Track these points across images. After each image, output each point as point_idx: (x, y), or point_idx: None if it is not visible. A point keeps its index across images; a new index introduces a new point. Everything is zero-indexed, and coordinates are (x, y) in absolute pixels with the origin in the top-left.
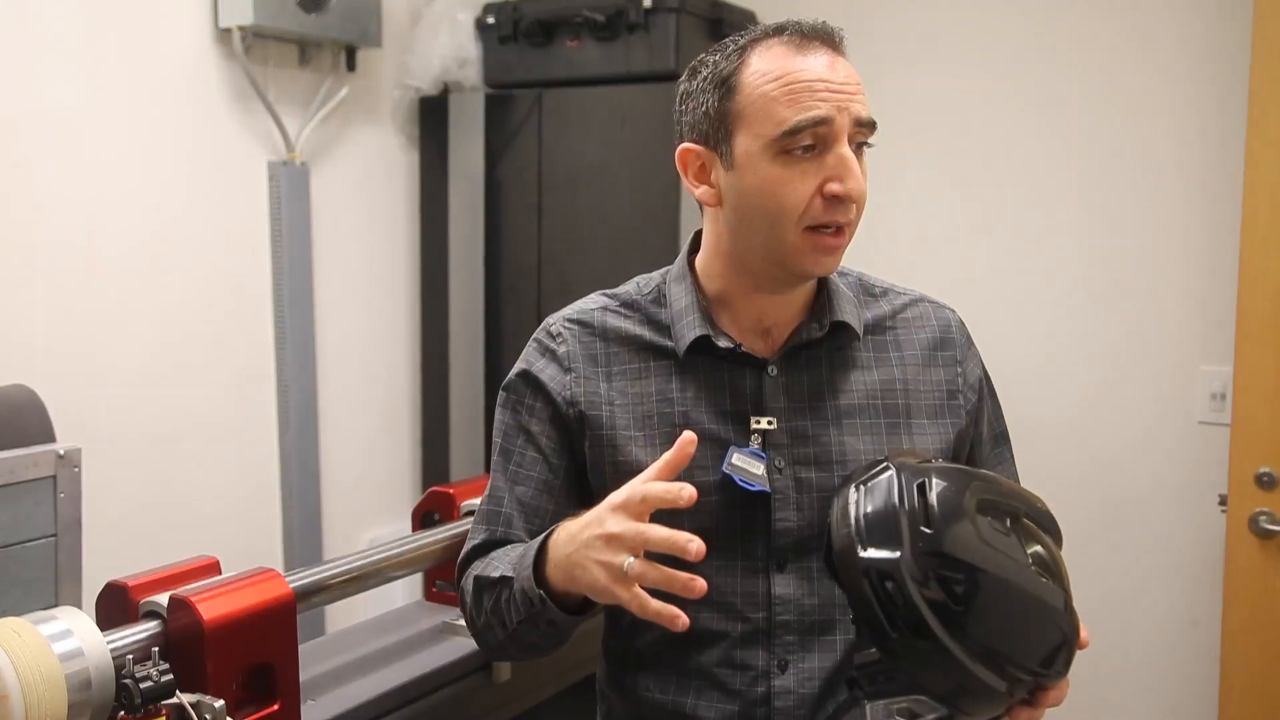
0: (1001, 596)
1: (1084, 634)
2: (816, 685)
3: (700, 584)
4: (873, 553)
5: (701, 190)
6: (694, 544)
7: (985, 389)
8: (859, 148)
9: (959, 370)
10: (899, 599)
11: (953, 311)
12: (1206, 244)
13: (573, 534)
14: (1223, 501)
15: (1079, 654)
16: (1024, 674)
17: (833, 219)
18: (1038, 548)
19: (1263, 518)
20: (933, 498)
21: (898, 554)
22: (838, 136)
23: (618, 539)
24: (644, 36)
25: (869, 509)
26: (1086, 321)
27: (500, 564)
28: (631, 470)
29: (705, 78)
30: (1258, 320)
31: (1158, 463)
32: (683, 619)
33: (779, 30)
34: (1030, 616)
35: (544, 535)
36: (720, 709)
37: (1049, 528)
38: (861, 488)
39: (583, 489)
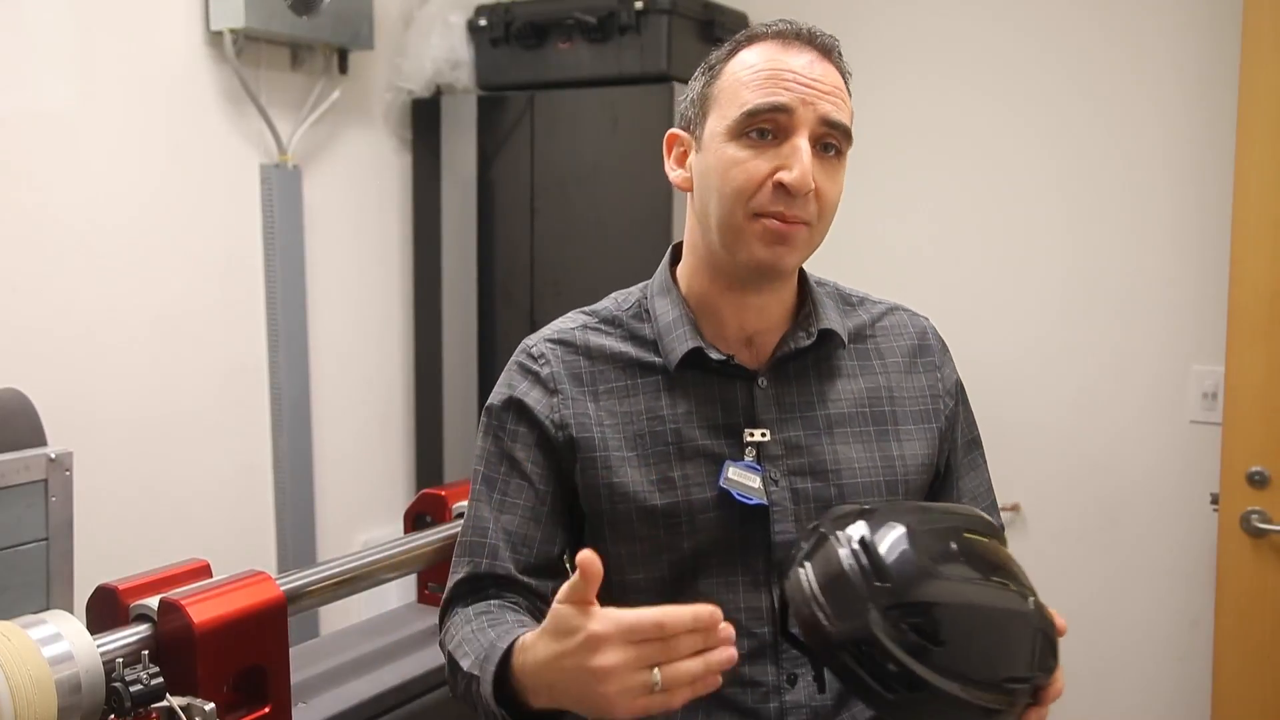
0: (976, 622)
1: (1059, 621)
2: (829, 696)
3: (732, 653)
4: (842, 625)
5: (677, 174)
6: (722, 623)
7: (961, 395)
8: (827, 150)
9: (938, 376)
10: (881, 660)
11: (927, 319)
12: (1197, 244)
13: (547, 661)
14: (1214, 500)
15: (1075, 653)
16: (1021, 684)
17: (779, 209)
18: (988, 558)
19: (1254, 516)
20: (878, 550)
21: (866, 618)
22: (797, 128)
23: (631, 663)
24: (636, 38)
25: (822, 582)
26: (1078, 322)
27: (468, 648)
28: (627, 491)
29: (701, 67)
30: (1249, 320)
31: (1149, 462)
32: (732, 655)
33: (774, 29)
34: (1009, 630)
35: (507, 647)
36: None
37: (988, 531)
38: (807, 564)
39: (570, 516)
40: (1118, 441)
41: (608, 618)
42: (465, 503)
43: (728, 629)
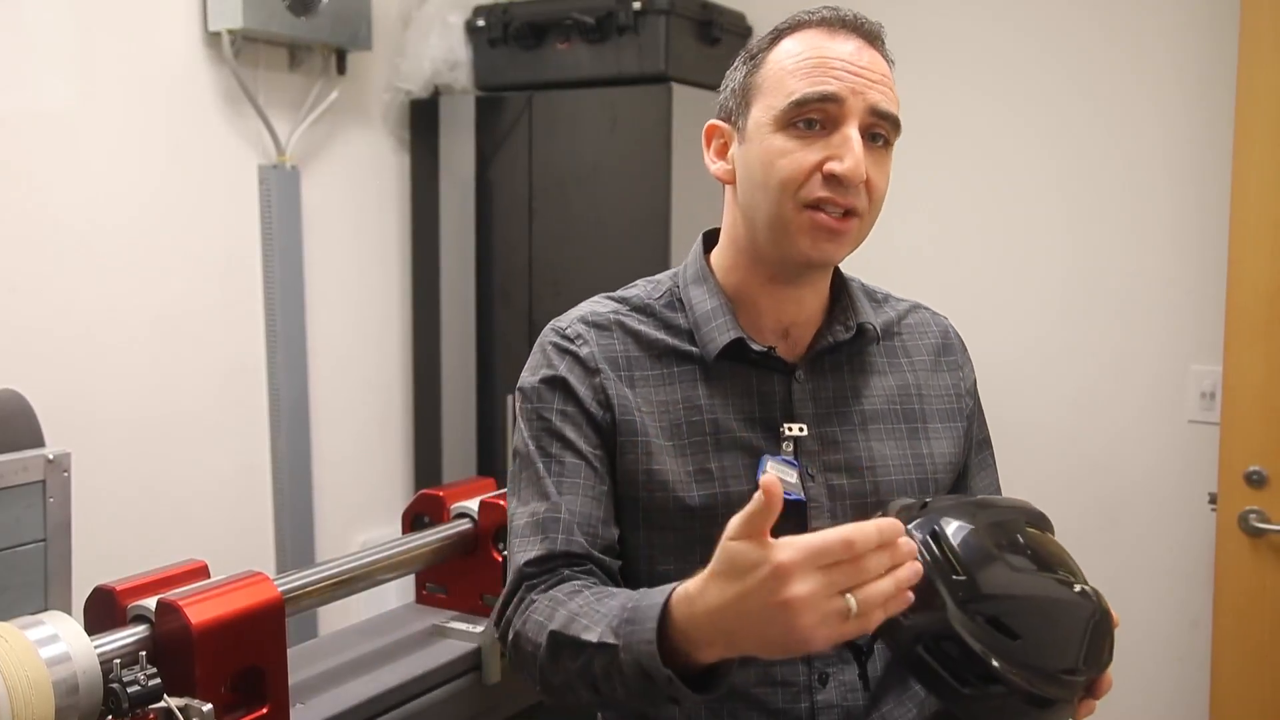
0: (1046, 615)
1: (1115, 615)
2: (860, 697)
3: (919, 567)
4: (918, 618)
5: (718, 166)
6: (902, 536)
7: (978, 394)
8: (876, 140)
9: (960, 375)
10: (958, 654)
11: (947, 319)
12: (1196, 244)
13: (723, 606)
14: (1213, 500)
15: None
16: (1082, 677)
17: (830, 196)
18: (1049, 551)
19: (1252, 516)
20: (951, 542)
21: (943, 611)
22: (847, 117)
23: (824, 591)
24: (634, 38)
25: None
26: (1077, 322)
27: (589, 621)
28: (665, 480)
29: (741, 57)
30: (1247, 320)
31: (1148, 462)
32: (919, 568)
33: (819, 15)
34: (1075, 623)
35: (661, 606)
36: None
37: (1046, 525)
38: None
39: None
40: (1117, 441)
41: (792, 545)
42: (463, 503)
43: (909, 542)
